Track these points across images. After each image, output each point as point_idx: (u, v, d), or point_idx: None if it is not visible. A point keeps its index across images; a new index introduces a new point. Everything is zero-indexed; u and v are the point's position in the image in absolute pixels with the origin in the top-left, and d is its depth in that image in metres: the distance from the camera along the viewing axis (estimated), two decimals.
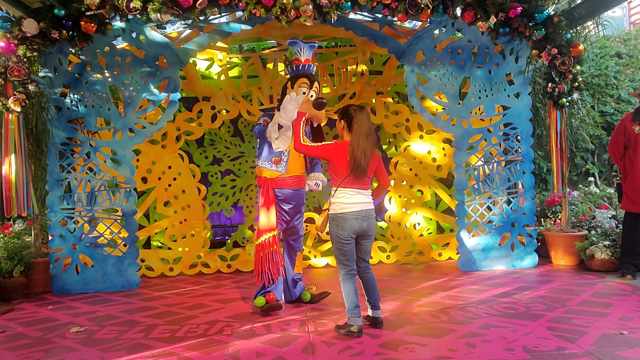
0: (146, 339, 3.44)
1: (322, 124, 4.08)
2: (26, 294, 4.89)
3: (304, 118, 3.56)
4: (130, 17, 4.46)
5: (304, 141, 3.47)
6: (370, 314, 3.51)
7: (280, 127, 3.91)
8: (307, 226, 5.83)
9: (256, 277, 4.03)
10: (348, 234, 3.32)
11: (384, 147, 6.51)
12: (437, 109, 5.67)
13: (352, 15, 4.81)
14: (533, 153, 5.37)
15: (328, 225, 3.46)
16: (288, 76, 4.14)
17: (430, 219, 6.25)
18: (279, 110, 4.05)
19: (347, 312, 3.37)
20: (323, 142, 3.54)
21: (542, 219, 5.85)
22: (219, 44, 5.72)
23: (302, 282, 4.38)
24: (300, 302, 4.29)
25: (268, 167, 4.08)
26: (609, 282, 4.52)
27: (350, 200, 3.33)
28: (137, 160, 5.62)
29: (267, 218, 4.00)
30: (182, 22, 5.09)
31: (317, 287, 4.40)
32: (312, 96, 3.97)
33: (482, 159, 5.40)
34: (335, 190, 3.37)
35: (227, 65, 6.05)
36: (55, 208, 4.96)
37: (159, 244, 6.09)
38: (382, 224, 6.16)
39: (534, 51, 4.84)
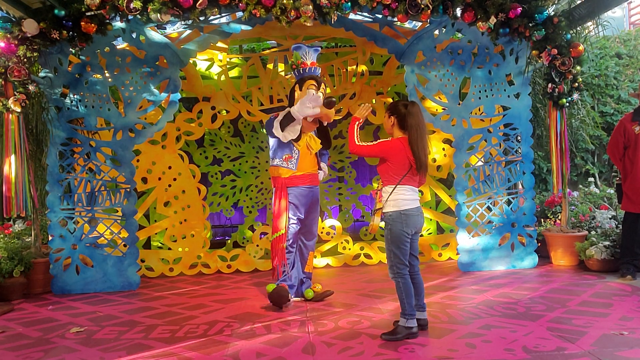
0: (146, 339, 3.45)
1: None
2: (26, 294, 4.88)
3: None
4: (130, 17, 4.47)
5: (358, 142, 3.40)
6: (417, 317, 3.37)
7: (286, 121, 4.04)
8: None
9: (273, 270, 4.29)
10: (412, 230, 3.31)
11: None
12: (437, 109, 5.67)
13: (352, 16, 4.81)
14: (533, 153, 5.36)
15: (383, 224, 3.39)
16: (290, 77, 4.23)
17: (430, 219, 6.24)
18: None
19: (406, 315, 3.25)
20: (379, 140, 3.42)
21: (542, 219, 5.84)
22: (219, 44, 5.71)
23: (310, 281, 4.44)
24: (303, 298, 4.36)
25: (280, 165, 4.18)
26: (609, 283, 4.52)
27: (411, 197, 3.32)
28: (137, 161, 5.61)
29: (279, 217, 4.15)
30: (182, 23, 5.09)
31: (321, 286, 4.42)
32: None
33: (482, 159, 5.39)
34: (394, 188, 3.29)
35: (227, 66, 6.05)
36: (55, 208, 4.96)
37: (159, 244, 6.08)
38: (383, 223, 6.14)
39: (534, 51, 4.85)
